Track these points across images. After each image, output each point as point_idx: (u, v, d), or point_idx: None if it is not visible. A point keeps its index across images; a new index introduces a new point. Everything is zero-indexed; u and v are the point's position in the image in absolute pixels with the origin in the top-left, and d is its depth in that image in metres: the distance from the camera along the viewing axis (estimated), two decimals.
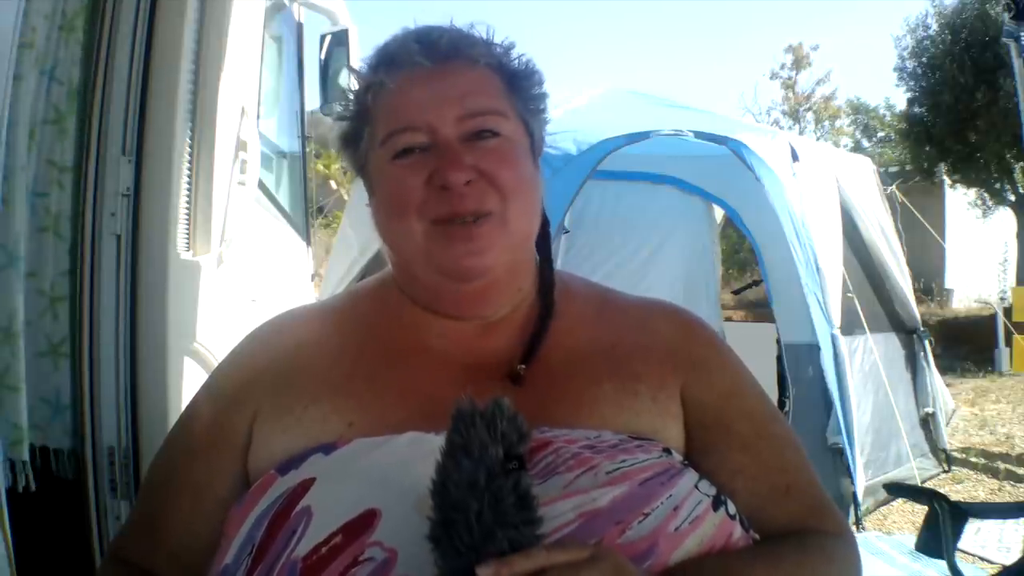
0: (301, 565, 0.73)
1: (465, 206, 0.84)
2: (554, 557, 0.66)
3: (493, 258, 0.86)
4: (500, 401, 0.69)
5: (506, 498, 0.66)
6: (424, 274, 0.89)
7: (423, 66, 0.87)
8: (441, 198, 0.84)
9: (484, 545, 0.65)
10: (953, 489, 4.51)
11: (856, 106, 17.35)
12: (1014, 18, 2.39)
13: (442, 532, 0.66)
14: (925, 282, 10.88)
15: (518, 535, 0.66)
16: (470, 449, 0.67)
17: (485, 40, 0.91)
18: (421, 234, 0.85)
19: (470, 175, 0.84)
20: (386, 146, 0.88)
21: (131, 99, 1.69)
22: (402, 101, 0.87)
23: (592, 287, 1.02)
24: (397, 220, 0.87)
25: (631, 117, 4.49)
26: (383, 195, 0.89)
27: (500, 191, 0.86)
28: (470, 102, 0.87)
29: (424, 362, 0.90)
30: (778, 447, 0.92)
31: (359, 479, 0.78)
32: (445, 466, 0.68)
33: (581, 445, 0.81)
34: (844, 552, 0.90)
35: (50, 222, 1.61)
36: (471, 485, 0.66)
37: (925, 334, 5.11)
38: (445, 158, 0.85)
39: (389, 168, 0.87)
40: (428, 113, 0.86)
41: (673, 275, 5.27)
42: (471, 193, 0.85)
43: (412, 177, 0.85)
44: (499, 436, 0.68)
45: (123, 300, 1.68)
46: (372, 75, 0.90)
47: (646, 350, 0.93)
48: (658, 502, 0.78)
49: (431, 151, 0.86)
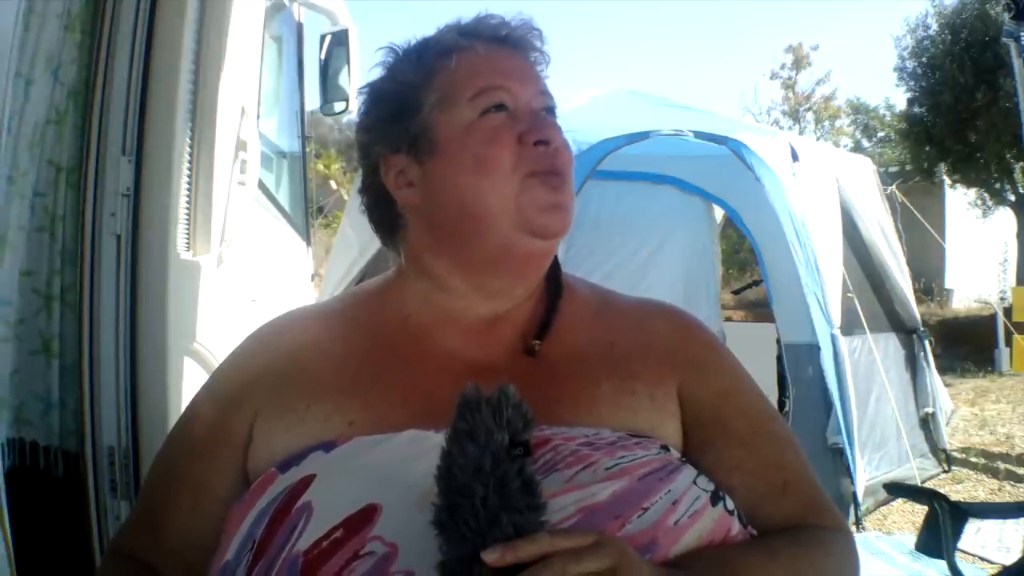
0: (302, 559, 0.73)
1: (560, 164, 0.90)
2: (559, 542, 0.66)
3: (568, 218, 0.91)
4: (506, 388, 0.70)
5: (511, 483, 0.66)
6: (503, 230, 0.88)
7: (504, 42, 0.93)
8: (537, 153, 0.89)
9: (489, 530, 0.65)
10: (953, 489, 4.51)
11: (856, 106, 17.35)
12: (1014, 18, 2.39)
13: (447, 517, 0.66)
14: (925, 282, 10.88)
15: (523, 520, 0.66)
16: (476, 435, 0.67)
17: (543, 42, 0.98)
18: (514, 186, 0.88)
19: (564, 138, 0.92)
20: (476, 101, 0.90)
21: (131, 99, 1.69)
22: (492, 65, 0.92)
23: (591, 287, 1.03)
24: (486, 173, 0.88)
25: (631, 117, 4.49)
26: (468, 152, 0.89)
27: (570, 168, 0.92)
28: (542, 83, 0.95)
29: (427, 362, 0.90)
30: (776, 445, 0.93)
31: (360, 475, 0.78)
32: (450, 452, 0.68)
33: (579, 442, 0.81)
34: (842, 548, 0.90)
35: (48, 222, 1.61)
36: (477, 470, 0.66)
37: (925, 334, 5.11)
38: (539, 120, 0.90)
39: (478, 124, 0.89)
40: (516, 81, 0.91)
41: (673, 275, 5.27)
42: (560, 155, 0.90)
43: (504, 132, 0.89)
44: (504, 422, 0.68)
45: (123, 300, 1.68)
46: (459, 39, 0.92)
47: (644, 350, 0.93)
48: (657, 497, 0.78)
49: (514, 116, 0.90)
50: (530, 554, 0.65)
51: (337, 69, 2.85)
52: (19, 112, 1.47)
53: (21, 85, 1.46)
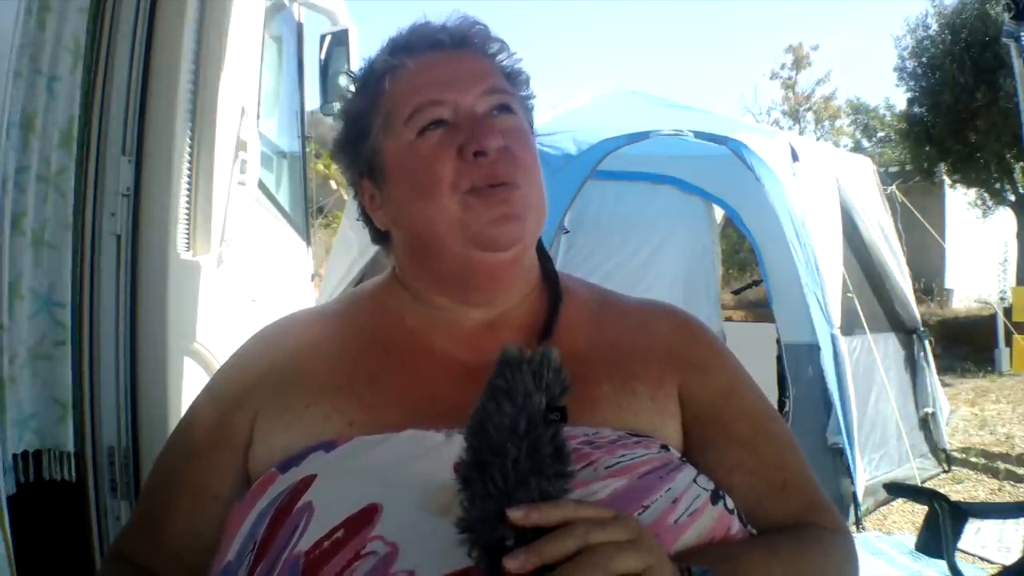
0: (304, 560, 0.73)
1: (502, 172, 0.86)
2: (582, 511, 0.66)
3: (523, 227, 0.88)
4: (548, 351, 0.69)
5: (544, 448, 0.66)
6: (456, 250, 0.88)
7: (442, 47, 0.91)
8: (475, 166, 0.86)
9: (516, 491, 0.64)
10: (953, 489, 4.51)
11: (856, 106, 17.36)
12: (1014, 18, 2.39)
13: (476, 474, 0.65)
14: (925, 282, 10.88)
15: (549, 486, 0.66)
16: (513, 395, 0.66)
17: (488, 35, 0.95)
18: (456, 206, 0.86)
19: (503, 142, 0.87)
20: (411, 123, 0.89)
21: (131, 99, 1.69)
22: (425, 79, 0.90)
23: (591, 288, 1.03)
24: (428, 197, 0.87)
25: (631, 117, 4.48)
26: (409, 176, 0.89)
27: (522, 167, 0.88)
28: (491, 80, 0.91)
29: (425, 363, 0.90)
30: (776, 445, 0.93)
31: (360, 475, 0.78)
32: (485, 408, 0.67)
33: (580, 441, 0.81)
34: (841, 547, 0.91)
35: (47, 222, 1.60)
36: (512, 430, 0.65)
37: (925, 334, 5.11)
38: (478, 127, 0.87)
39: (416, 144, 0.88)
40: (452, 89, 0.89)
41: (673, 275, 5.28)
42: (503, 161, 0.87)
43: (442, 150, 0.87)
44: (544, 385, 0.67)
45: (123, 300, 1.68)
46: (389, 59, 0.92)
47: (644, 350, 0.93)
48: (657, 495, 0.78)
49: (455, 126, 0.88)
50: (555, 518, 0.65)
51: (337, 69, 2.84)
52: (19, 112, 1.47)
53: (21, 84, 1.46)
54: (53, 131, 1.56)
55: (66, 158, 1.57)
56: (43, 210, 1.54)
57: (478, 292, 0.92)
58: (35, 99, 1.52)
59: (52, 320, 1.55)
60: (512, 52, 0.96)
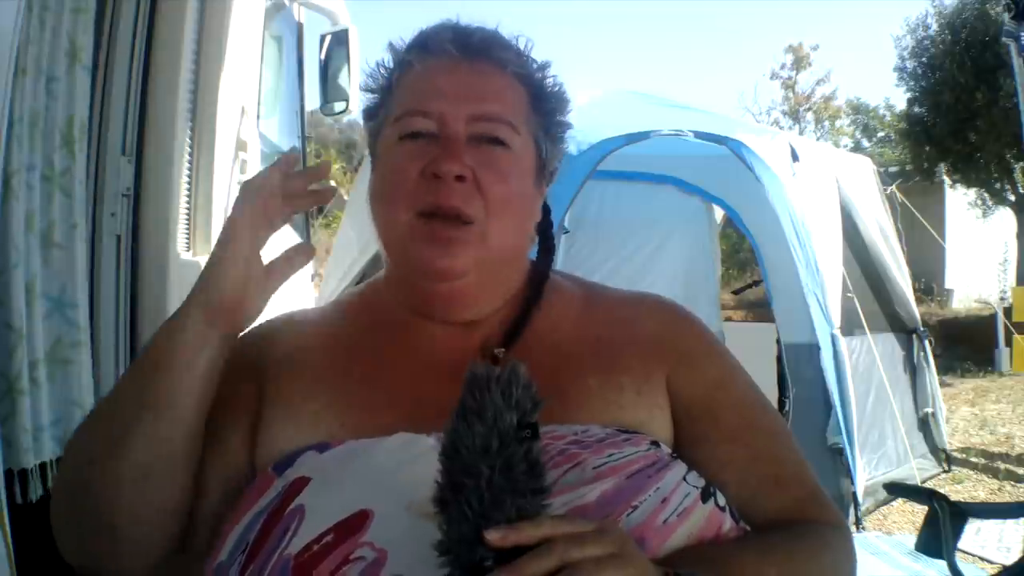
0: (293, 563, 0.73)
1: (450, 200, 0.84)
2: (561, 527, 0.66)
3: (464, 264, 0.85)
4: (516, 367, 0.68)
5: (517, 465, 0.65)
6: (403, 268, 0.89)
7: (451, 56, 0.88)
8: (429, 188, 0.84)
9: (492, 511, 0.64)
10: (953, 489, 4.51)
11: (856, 106, 17.37)
12: (1014, 18, 2.39)
13: (451, 496, 0.65)
14: (925, 282, 10.88)
15: (526, 503, 0.65)
16: (484, 414, 0.66)
17: (519, 50, 0.92)
18: (404, 225, 0.85)
19: (463, 171, 0.84)
20: (397, 125, 0.88)
21: (131, 99, 1.69)
22: (423, 85, 0.88)
23: (578, 283, 1.02)
24: (386, 205, 0.87)
25: (631, 117, 4.48)
26: (381, 176, 0.90)
27: (486, 201, 0.85)
28: (486, 105, 0.87)
29: (411, 364, 0.90)
30: (768, 438, 0.91)
31: (351, 480, 0.78)
32: (456, 430, 0.66)
33: (568, 441, 0.81)
34: (838, 541, 0.89)
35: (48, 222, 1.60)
36: (484, 450, 0.65)
37: (925, 334, 5.11)
38: (445, 149, 0.85)
39: (394, 148, 0.88)
40: (443, 103, 0.87)
41: (673, 275, 5.28)
42: (459, 191, 0.84)
43: (410, 163, 0.86)
44: (514, 403, 0.67)
45: (123, 300, 1.68)
46: (402, 54, 0.91)
47: (631, 343, 0.92)
48: (646, 495, 0.78)
49: (437, 142, 0.86)
50: (533, 537, 0.64)
51: (337, 69, 2.85)
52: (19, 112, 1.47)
53: (20, 84, 1.46)
54: (54, 131, 1.56)
55: (68, 159, 1.57)
56: (49, 210, 1.54)
57: (431, 310, 0.91)
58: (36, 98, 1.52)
59: (66, 322, 1.55)
60: (549, 73, 0.93)
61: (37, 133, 1.51)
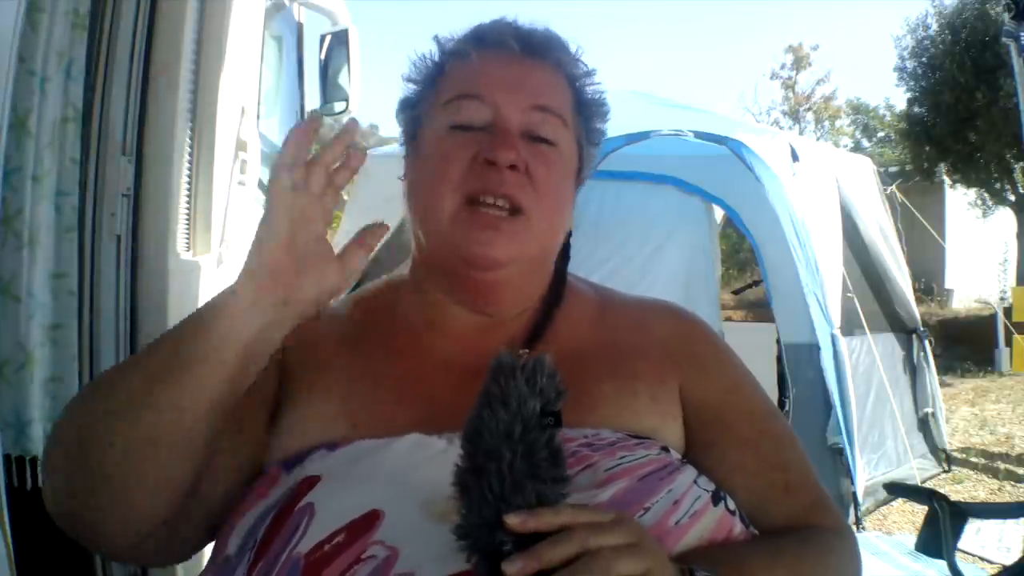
0: (304, 561, 0.73)
1: (503, 187, 0.84)
2: (581, 515, 0.66)
3: (508, 254, 0.85)
4: (542, 357, 0.69)
5: (539, 452, 0.66)
6: (444, 255, 0.89)
7: (511, 50, 0.89)
8: (481, 173, 0.84)
9: (513, 496, 0.64)
10: (953, 489, 4.51)
11: (856, 106, 17.39)
12: (1014, 18, 2.39)
13: (472, 480, 0.66)
14: (925, 282, 10.88)
15: (546, 490, 0.66)
16: (508, 401, 0.66)
17: (574, 54, 0.93)
18: (451, 210, 0.85)
19: (518, 161, 0.85)
20: (448, 108, 0.88)
21: (131, 99, 1.69)
22: (480, 73, 0.89)
23: (593, 288, 1.02)
24: (433, 189, 0.87)
25: (631, 117, 4.48)
26: (427, 161, 0.89)
27: (537, 192, 0.86)
28: (544, 98, 0.89)
29: (426, 366, 0.90)
30: (777, 445, 0.93)
31: (363, 480, 0.78)
32: (480, 415, 0.67)
33: (579, 443, 0.81)
34: (844, 547, 0.90)
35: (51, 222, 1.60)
36: (507, 435, 0.65)
37: (925, 334, 5.12)
38: (499, 138, 0.85)
39: (444, 137, 0.88)
40: (500, 92, 0.87)
41: (673, 275, 5.27)
42: (512, 179, 0.85)
43: (461, 150, 0.86)
44: (538, 391, 0.67)
45: (123, 300, 1.68)
46: (458, 44, 0.91)
47: (645, 349, 0.93)
48: (657, 497, 0.78)
49: (487, 132, 0.86)
50: (552, 523, 0.65)
51: (337, 69, 2.84)
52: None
53: (20, 83, 1.46)
54: (52, 130, 1.56)
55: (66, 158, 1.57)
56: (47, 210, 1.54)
57: (469, 299, 0.91)
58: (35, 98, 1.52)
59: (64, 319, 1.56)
60: (595, 80, 0.94)
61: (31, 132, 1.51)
